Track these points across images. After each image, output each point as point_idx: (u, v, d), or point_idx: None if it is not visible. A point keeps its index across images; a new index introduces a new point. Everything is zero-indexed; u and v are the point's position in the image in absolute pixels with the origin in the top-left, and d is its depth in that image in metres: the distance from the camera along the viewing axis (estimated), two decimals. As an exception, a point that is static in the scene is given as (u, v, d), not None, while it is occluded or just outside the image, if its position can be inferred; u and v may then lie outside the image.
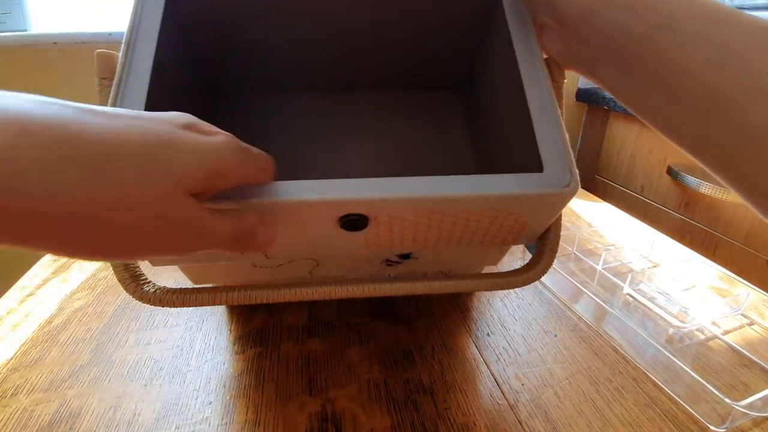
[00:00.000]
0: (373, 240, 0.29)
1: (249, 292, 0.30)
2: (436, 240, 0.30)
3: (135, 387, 0.36)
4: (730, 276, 0.51)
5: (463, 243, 0.31)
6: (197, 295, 0.29)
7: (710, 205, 0.92)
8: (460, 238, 0.30)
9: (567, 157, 0.27)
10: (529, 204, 0.27)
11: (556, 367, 0.39)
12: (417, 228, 0.28)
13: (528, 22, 0.32)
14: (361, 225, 0.27)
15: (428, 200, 0.26)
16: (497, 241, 0.31)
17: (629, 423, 0.33)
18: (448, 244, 0.31)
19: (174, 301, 0.29)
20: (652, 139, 1.04)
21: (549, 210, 0.28)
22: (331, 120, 0.47)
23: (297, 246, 0.30)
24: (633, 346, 0.41)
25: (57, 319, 0.45)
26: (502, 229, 0.29)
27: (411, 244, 0.31)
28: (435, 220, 0.28)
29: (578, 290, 0.48)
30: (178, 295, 0.29)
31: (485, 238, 0.30)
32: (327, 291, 0.30)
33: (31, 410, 0.34)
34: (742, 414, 0.33)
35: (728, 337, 0.42)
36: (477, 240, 0.31)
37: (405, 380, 0.37)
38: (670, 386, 0.36)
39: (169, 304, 0.29)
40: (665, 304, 0.46)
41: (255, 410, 0.34)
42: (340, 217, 0.26)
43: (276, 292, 0.30)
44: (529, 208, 0.27)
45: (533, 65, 0.30)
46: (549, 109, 0.29)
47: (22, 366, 0.39)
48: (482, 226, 0.29)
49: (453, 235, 0.30)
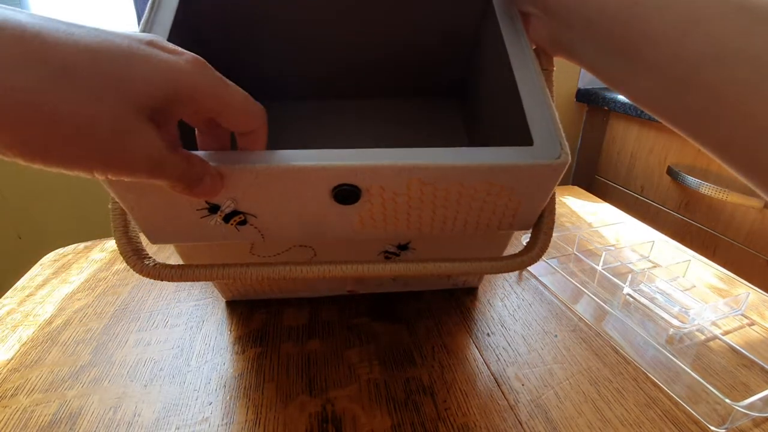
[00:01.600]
0: (366, 217, 0.29)
1: (246, 269, 0.29)
2: (431, 222, 0.30)
3: (135, 387, 0.36)
4: (730, 276, 0.51)
5: (458, 226, 0.31)
6: (195, 270, 0.29)
7: (710, 205, 0.92)
8: (454, 220, 0.30)
9: (557, 132, 0.28)
10: (521, 176, 0.27)
11: (556, 367, 0.39)
12: (410, 205, 0.29)
13: (518, 21, 0.34)
14: (354, 197, 0.27)
15: (420, 168, 0.26)
16: (493, 225, 0.31)
17: (629, 423, 0.33)
18: (443, 229, 0.31)
19: (172, 275, 0.29)
20: (653, 140, 1.04)
21: (541, 185, 0.28)
22: (333, 125, 0.48)
23: (290, 224, 0.30)
24: (633, 347, 0.41)
25: (57, 320, 0.45)
26: (496, 209, 0.30)
27: (405, 227, 0.31)
28: (427, 194, 0.28)
29: (578, 291, 0.48)
30: (176, 270, 0.29)
31: (480, 220, 0.31)
32: (323, 270, 0.30)
33: (31, 411, 0.34)
34: (743, 414, 0.33)
35: (728, 337, 0.42)
36: (472, 222, 0.31)
37: (405, 380, 0.37)
38: (671, 386, 0.36)
39: (168, 278, 0.29)
40: (665, 304, 0.46)
41: (255, 411, 0.34)
42: (333, 188, 0.27)
43: (272, 269, 0.30)
44: (521, 180, 0.27)
45: (524, 55, 0.32)
46: (538, 90, 0.30)
47: (22, 366, 0.39)
48: (476, 204, 0.29)
49: (447, 215, 0.30)
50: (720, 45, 0.22)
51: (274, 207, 0.28)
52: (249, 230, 0.30)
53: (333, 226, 0.30)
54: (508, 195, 0.29)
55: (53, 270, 0.54)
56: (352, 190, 0.27)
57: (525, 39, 0.33)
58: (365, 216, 0.29)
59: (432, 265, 0.31)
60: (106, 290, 0.50)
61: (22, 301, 0.48)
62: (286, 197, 0.27)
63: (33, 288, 0.51)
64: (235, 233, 0.30)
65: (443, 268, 0.31)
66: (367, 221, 0.30)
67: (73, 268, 0.55)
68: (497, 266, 0.31)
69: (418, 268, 0.30)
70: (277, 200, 0.28)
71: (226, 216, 0.29)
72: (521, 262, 0.31)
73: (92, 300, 0.48)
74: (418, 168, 0.26)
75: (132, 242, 0.29)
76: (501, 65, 0.33)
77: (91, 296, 0.49)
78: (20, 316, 0.46)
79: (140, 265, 0.28)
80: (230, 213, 0.28)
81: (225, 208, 0.28)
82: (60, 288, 0.50)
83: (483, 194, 0.28)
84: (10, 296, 0.49)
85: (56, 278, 0.52)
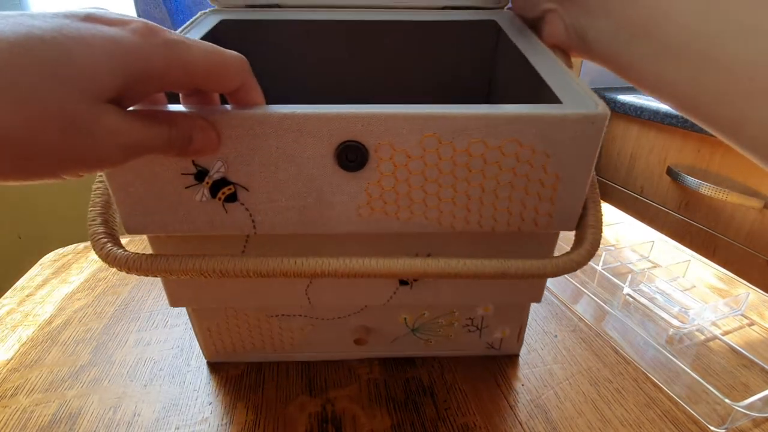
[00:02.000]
0: (375, 193, 0.25)
1: (233, 261, 0.25)
2: (452, 208, 0.26)
3: (135, 387, 0.36)
4: (730, 276, 0.51)
5: (485, 218, 0.26)
6: (169, 262, 0.25)
7: (710, 205, 0.92)
8: (480, 206, 0.26)
9: (588, 92, 0.25)
10: (554, 134, 0.24)
11: (556, 367, 0.38)
12: (426, 176, 0.25)
13: (525, 29, 0.34)
14: (361, 158, 0.24)
15: (436, 118, 0.23)
16: (529, 217, 0.26)
17: (629, 423, 0.33)
18: (467, 221, 0.26)
19: (146, 266, 0.25)
20: (652, 140, 1.04)
21: (579, 149, 0.24)
22: None
23: (285, 205, 0.25)
24: (633, 347, 0.41)
25: (57, 320, 0.45)
26: (530, 187, 0.25)
27: (422, 215, 0.26)
28: (446, 159, 0.24)
29: (578, 291, 0.48)
30: (149, 260, 0.25)
31: (512, 206, 0.26)
32: (324, 265, 0.25)
33: (31, 411, 0.34)
34: (742, 414, 0.33)
35: (728, 337, 0.42)
36: (503, 211, 0.26)
37: (405, 381, 0.37)
38: (670, 387, 0.36)
39: (139, 270, 0.25)
40: (665, 304, 0.46)
41: (255, 411, 0.34)
42: (337, 146, 0.23)
43: (265, 261, 0.25)
44: (554, 141, 0.24)
45: (537, 48, 0.31)
46: (559, 69, 0.28)
47: (21, 366, 0.39)
48: (505, 177, 0.25)
49: (471, 194, 0.25)
50: (738, 22, 0.22)
51: (269, 174, 0.24)
52: (238, 212, 0.26)
53: (336, 206, 0.26)
54: (542, 164, 0.25)
55: (53, 270, 0.54)
56: (358, 148, 0.24)
57: (536, 39, 0.32)
58: (373, 191, 0.25)
59: (458, 262, 0.25)
60: (106, 290, 0.50)
61: (22, 301, 0.48)
62: (283, 159, 0.24)
63: (33, 288, 0.51)
64: (222, 216, 0.26)
65: (473, 267, 0.25)
66: (375, 200, 0.26)
67: (73, 268, 0.55)
68: (544, 267, 0.26)
69: (441, 265, 0.25)
70: (273, 165, 0.24)
71: (215, 184, 0.25)
72: (569, 261, 0.26)
73: (92, 300, 0.48)
74: (433, 118, 0.23)
75: (108, 225, 0.25)
76: (518, 65, 0.32)
77: (91, 296, 0.49)
78: (20, 315, 0.46)
79: (106, 251, 0.24)
80: (219, 181, 0.25)
81: (214, 173, 0.24)
82: (60, 288, 0.50)
83: (512, 160, 0.24)
84: (10, 296, 0.49)
85: (56, 278, 0.52)
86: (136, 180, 0.25)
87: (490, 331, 0.38)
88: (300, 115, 0.23)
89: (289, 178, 0.25)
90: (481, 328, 0.37)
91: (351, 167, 0.24)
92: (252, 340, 0.37)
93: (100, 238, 0.25)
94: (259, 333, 0.37)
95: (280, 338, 0.37)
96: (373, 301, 0.34)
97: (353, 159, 0.24)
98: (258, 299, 0.33)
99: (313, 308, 0.35)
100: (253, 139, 0.23)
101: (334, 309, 0.36)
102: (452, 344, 0.38)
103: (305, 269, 0.25)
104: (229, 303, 0.34)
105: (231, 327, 0.36)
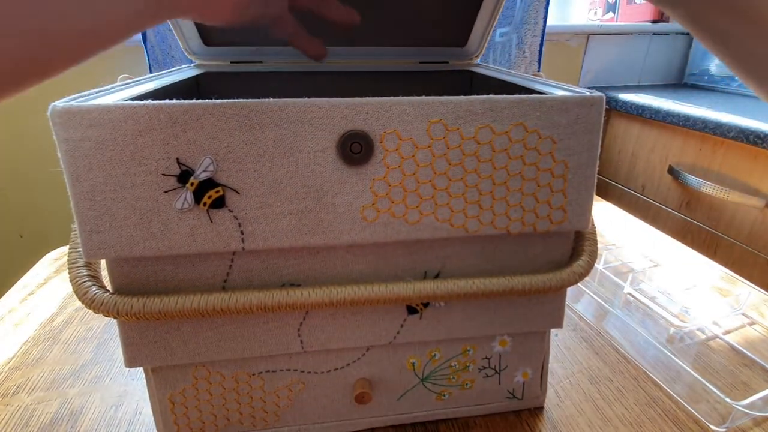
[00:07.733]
0: (381, 190, 0.24)
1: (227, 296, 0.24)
2: (464, 206, 0.25)
3: (136, 386, 0.37)
4: (731, 275, 0.51)
5: (498, 215, 0.26)
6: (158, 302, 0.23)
7: (711, 204, 0.92)
8: (492, 202, 0.25)
9: (578, 88, 0.27)
10: (557, 117, 0.24)
11: (557, 366, 0.39)
12: (434, 166, 0.24)
13: (506, 71, 0.36)
14: (366, 149, 0.23)
15: (441, 104, 0.23)
16: (543, 213, 0.26)
17: (630, 422, 0.33)
18: (480, 222, 0.26)
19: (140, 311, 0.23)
20: (654, 139, 1.04)
21: (582, 132, 0.25)
22: None
23: (280, 211, 0.23)
24: (634, 346, 0.41)
25: (58, 318, 0.45)
26: (540, 177, 0.25)
27: (432, 205, 0.25)
28: (454, 145, 0.24)
29: (579, 290, 0.48)
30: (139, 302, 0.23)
31: (524, 202, 0.26)
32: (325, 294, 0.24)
33: (33, 409, 0.34)
34: (743, 414, 0.33)
35: (729, 336, 0.42)
36: (515, 207, 0.26)
37: None
38: (671, 386, 0.36)
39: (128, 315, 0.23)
40: (666, 303, 0.46)
41: None
42: (340, 137, 0.22)
43: (264, 294, 0.24)
44: (558, 124, 0.25)
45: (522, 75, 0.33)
46: (543, 81, 0.30)
47: (23, 365, 0.39)
48: (515, 167, 0.25)
49: (481, 182, 0.25)
50: None
51: (264, 173, 0.22)
52: (225, 221, 0.23)
53: (337, 209, 0.24)
54: (550, 150, 0.25)
55: (55, 268, 0.54)
56: (364, 137, 0.23)
57: (514, 71, 0.35)
58: (379, 189, 0.24)
59: (465, 282, 0.26)
60: (108, 289, 0.50)
61: (24, 300, 0.48)
62: (281, 154, 0.22)
63: (34, 286, 0.51)
64: (206, 228, 0.23)
65: (479, 285, 0.26)
66: (381, 199, 0.24)
67: (75, 266, 0.55)
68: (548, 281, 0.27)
69: (449, 286, 0.26)
70: (269, 162, 0.22)
71: (200, 186, 0.22)
72: (570, 274, 0.27)
73: (93, 298, 0.48)
74: (439, 103, 0.23)
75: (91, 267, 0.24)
76: (498, 89, 0.34)
77: (93, 295, 0.49)
78: (22, 314, 0.46)
79: (91, 295, 0.23)
80: (206, 182, 0.22)
81: (200, 172, 0.22)
82: (61, 286, 0.51)
83: (520, 146, 0.24)
84: (12, 294, 0.49)
85: (57, 277, 0.53)
86: (107, 182, 0.21)
87: (510, 374, 0.33)
88: (302, 103, 0.22)
89: (285, 176, 0.23)
90: (499, 370, 0.32)
91: (355, 160, 0.23)
92: (227, 412, 0.30)
93: (84, 282, 0.23)
94: (237, 401, 0.30)
95: (262, 406, 0.30)
96: (378, 338, 0.29)
97: (357, 150, 0.23)
98: (240, 347, 0.27)
99: (305, 357, 0.29)
100: (249, 131, 0.22)
101: (330, 356, 0.30)
102: (468, 397, 0.33)
103: (304, 299, 0.24)
104: (203, 356, 0.27)
105: (200, 395, 0.29)
